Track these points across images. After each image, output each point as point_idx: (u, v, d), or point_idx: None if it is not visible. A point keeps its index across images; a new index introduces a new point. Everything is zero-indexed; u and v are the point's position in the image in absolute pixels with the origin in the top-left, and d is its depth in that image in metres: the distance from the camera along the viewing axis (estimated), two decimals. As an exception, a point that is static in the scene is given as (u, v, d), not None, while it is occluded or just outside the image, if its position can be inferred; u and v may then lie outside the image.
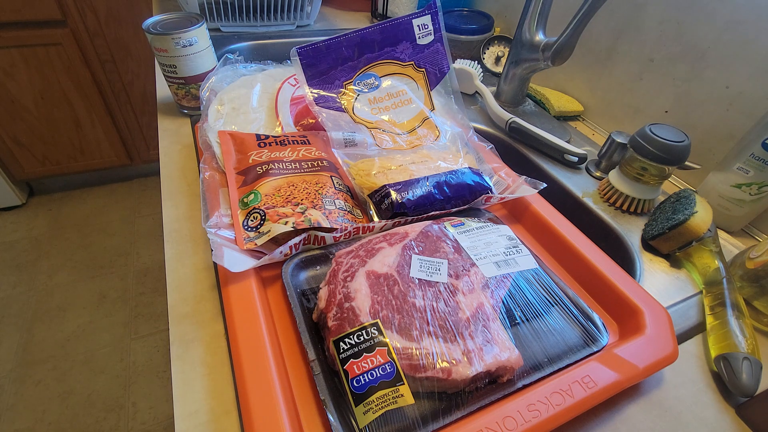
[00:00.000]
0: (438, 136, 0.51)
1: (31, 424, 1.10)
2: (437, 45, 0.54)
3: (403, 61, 0.53)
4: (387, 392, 0.28)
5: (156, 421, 1.12)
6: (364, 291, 0.33)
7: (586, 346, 0.34)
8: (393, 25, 0.52)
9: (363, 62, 0.52)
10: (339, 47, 0.50)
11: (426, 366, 0.29)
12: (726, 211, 0.50)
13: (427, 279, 0.35)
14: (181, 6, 0.77)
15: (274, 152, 0.45)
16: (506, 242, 0.40)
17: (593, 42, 0.65)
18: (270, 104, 0.54)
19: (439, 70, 0.55)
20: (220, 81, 0.54)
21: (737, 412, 0.34)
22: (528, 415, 0.28)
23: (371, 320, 0.31)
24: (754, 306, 0.41)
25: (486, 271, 0.36)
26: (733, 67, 0.50)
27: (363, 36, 0.51)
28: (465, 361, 0.29)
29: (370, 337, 0.30)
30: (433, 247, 0.38)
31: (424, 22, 0.53)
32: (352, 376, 0.28)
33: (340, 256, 0.37)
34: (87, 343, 1.28)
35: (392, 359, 0.29)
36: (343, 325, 0.31)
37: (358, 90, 0.51)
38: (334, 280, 0.34)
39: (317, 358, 0.31)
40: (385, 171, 0.44)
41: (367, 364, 0.29)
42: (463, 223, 0.41)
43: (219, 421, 0.30)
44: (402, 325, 0.31)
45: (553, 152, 0.60)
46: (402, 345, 0.30)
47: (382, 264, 0.35)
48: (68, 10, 1.26)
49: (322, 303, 0.33)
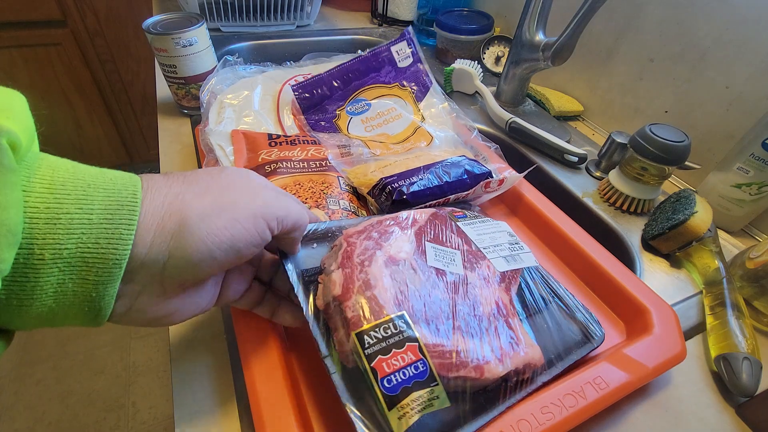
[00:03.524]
0: (431, 140, 0.52)
1: (31, 424, 1.10)
2: (416, 65, 0.60)
3: (388, 83, 0.58)
4: (422, 393, 0.25)
5: (156, 421, 1.12)
6: (386, 278, 0.29)
7: (586, 341, 0.34)
8: (373, 54, 0.58)
9: (351, 90, 0.57)
10: (329, 80, 0.56)
11: (458, 364, 0.27)
12: (726, 211, 0.50)
13: (444, 269, 0.32)
14: (181, 6, 0.77)
15: (283, 151, 0.45)
16: (508, 238, 0.39)
17: (593, 42, 0.65)
18: (272, 106, 0.54)
19: (423, 86, 0.60)
20: (220, 83, 0.54)
21: (737, 412, 0.34)
22: (542, 417, 0.28)
23: (398, 311, 0.27)
24: (754, 306, 0.41)
25: (498, 265, 0.35)
26: (733, 67, 0.50)
27: (347, 68, 0.57)
28: (495, 359, 0.28)
29: (399, 330, 0.27)
30: (443, 236, 0.36)
31: (401, 47, 0.59)
32: (382, 375, 0.25)
33: (350, 235, 0.33)
34: (87, 343, 1.28)
35: (424, 356, 0.26)
36: (366, 316, 0.27)
37: (350, 113, 0.55)
38: (350, 263, 0.30)
39: (329, 354, 0.28)
40: (382, 168, 0.44)
41: (398, 361, 0.26)
42: (465, 215, 0.40)
43: (219, 421, 0.30)
44: (429, 319, 0.28)
45: (553, 152, 0.60)
46: (432, 341, 0.27)
47: (399, 249, 0.32)
48: (68, 11, 1.26)
49: (337, 288, 0.29)
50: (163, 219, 0.21)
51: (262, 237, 0.25)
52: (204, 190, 0.24)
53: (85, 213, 0.19)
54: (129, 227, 0.20)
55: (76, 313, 0.20)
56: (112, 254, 0.20)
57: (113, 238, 0.20)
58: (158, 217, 0.21)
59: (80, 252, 0.19)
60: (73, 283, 0.19)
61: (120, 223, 0.20)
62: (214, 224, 0.22)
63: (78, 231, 0.19)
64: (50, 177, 0.19)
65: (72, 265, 0.19)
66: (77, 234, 0.19)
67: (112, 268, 0.20)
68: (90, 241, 0.19)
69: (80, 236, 0.19)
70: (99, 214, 0.19)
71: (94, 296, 0.20)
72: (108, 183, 0.20)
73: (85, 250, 0.19)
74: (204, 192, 0.23)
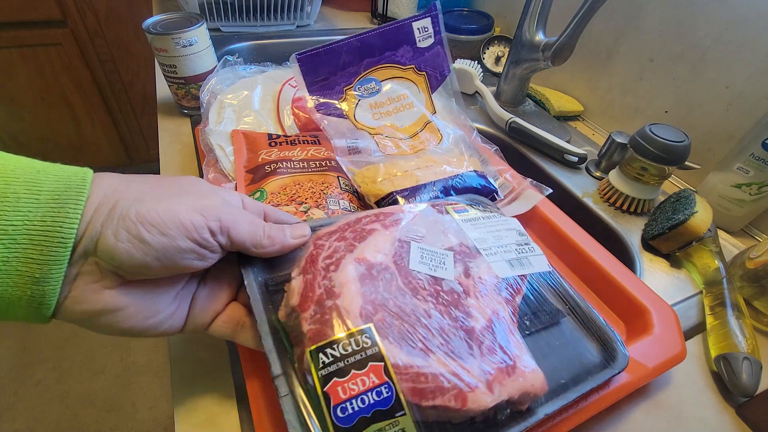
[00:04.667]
0: (441, 139, 0.51)
1: (31, 424, 1.10)
2: (437, 48, 0.54)
3: (403, 64, 0.53)
4: (383, 426, 0.21)
5: (156, 421, 1.12)
6: (353, 285, 0.25)
7: (606, 365, 0.29)
8: (394, 28, 0.51)
9: (363, 67, 0.51)
10: (339, 52, 0.49)
11: (434, 390, 0.22)
12: (726, 211, 0.50)
13: (431, 274, 0.28)
14: (181, 6, 0.77)
15: (283, 151, 0.45)
16: (516, 237, 0.34)
17: (593, 42, 0.65)
18: (272, 106, 0.54)
19: (440, 73, 0.54)
20: (220, 83, 0.54)
21: (737, 412, 0.34)
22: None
23: (363, 324, 0.23)
24: (754, 306, 0.41)
25: (499, 270, 0.30)
26: (733, 67, 0.50)
27: (363, 40, 0.50)
28: (483, 387, 0.23)
29: (362, 347, 0.22)
30: (435, 234, 0.31)
31: (424, 25, 0.52)
32: (335, 402, 0.21)
33: (320, 237, 0.29)
34: (87, 343, 1.28)
35: (390, 379, 0.22)
36: (324, 330, 0.23)
37: (358, 95, 0.50)
38: (313, 269, 0.27)
39: (283, 373, 0.24)
40: (391, 178, 0.43)
41: (357, 385, 0.22)
42: (467, 210, 0.35)
43: (219, 420, 0.30)
44: (402, 333, 0.24)
45: (553, 152, 0.60)
46: (403, 361, 0.22)
47: (376, 250, 0.28)
48: (68, 11, 1.26)
49: (295, 298, 0.25)
50: (101, 202, 0.22)
51: (199, 234, 0.23)
52: (153, 185, 0.24)
53: (33, 194, 0.20)
54: (76, 207, 0.21)
55: (20, 297, 0.20)
56: (58, 232, 0.20)
57: (59, 217, 0.20)
58: (99, 200, 0.22)
59: (26, 229, 0.19)
60: (18, 261, 0.20)
61: (67, 202, 0.20)
62: (145, 207, 0.22)
63: (24, 209, 0.20)
64: (1, 166, 0.20)
65: (17, 243, 0.19)
66: (23, 212, 0.19)
67: (57, 247, 0.20)
68: (36, 219, 0.20)
69: (26, 214, 0.20)
70: (47, 195, 0.20)
71: (38, 277, 0.20)
72: (58, 171, 0.21)
73: (31, 227, 0.20)
74: (152, 186, 0.24)
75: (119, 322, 0.23)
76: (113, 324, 0.23)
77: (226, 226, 0.25)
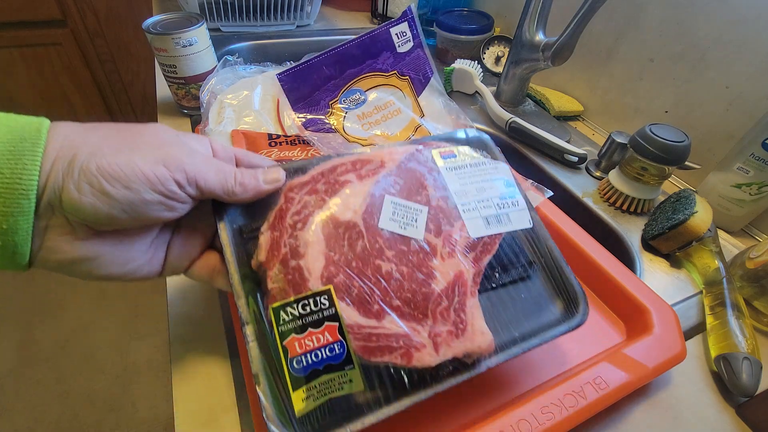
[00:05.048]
0: None
1: (31, 424, 1.10)
2: (418, 51, 0.54)
3: (386, 71, 0.53)
4: (333, 377, 0.24)
5: (156, 421, 1.12)
6: (317, 246, 0.26)
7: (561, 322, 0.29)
8: (372, 36, 0.52)
9: (346, 79, 0.51)
10: (319, 67, 0.50)
11: (383, 348, 0.24)
12: (726, 211, 0.50)
13: (399, 233, 0.28)
14: (181, 6, 0.77)
15: (283, 151, 0.45)
16: (502, 189, 0.32)
17: (593, 42, 0.65)
18: (272, 106, 0.54)
19: (423, 76, 0.54)
20: (220, 83, 0.54)
21: (737, 412, 0.34)
22: (542, 417, 0.28)
23: (322, 286, 0.25)
24: (754, 306, 0.41)
25: (472, 228, 0.30)
26: (733, 67, 0.50)
27: (342, 52, 0.50)
28: (430, 347, 0.25)
29: (319, 308, 0.25)
30: (413, 186, 0.30)
31: (402, 30, 0.52)
32: (292, 355, 0.24)
33: (292, 188, 0.29)
34: (87, 343, 1.28)
35: (343, 338, 0.24)
36: (286, 289, 0.25)
37: (345, 107, 0.50)
38: (280, 225, 0.27)
39: (254, 320, 0.25)
40: None
41: (312, 342, 0.24)
42: (455, 154, 0.33)
43: (219, 420, 0.30)
44: (361, 296, 0.25)
45: (553, 152, 0.60)
46: (357, 322, 0.25)
47: (346, 207, 0.28)
48: (68, 10, 1.26)
49: (262, 254, 0.26)
50: (59, 154, 0.21)
51: (165, 187, 0.23)
52: (112, 135, 0.23)
53: None
54: (33, 158, 0.20)
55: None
56: (17, 184, 0.20)
57: (17, 169, 0.20)
58: (56, 152, 0.21)
59: None
60: None
61: (23, 154, 0.20)
62: (106, 161, 0.21)
63: None
64: None
65: None
66: None
67: (20, 199, 0.20)
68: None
69: None
70: (2, 146, 0.20)
71: (5, 228, 0.20)
72: (12, 122, 0.21)
73: None
74: (111, 135, 0.23)
75: (96, 269, 0.24)
76: (90, 271, 0.24)
77: (193, 176, 0.24)
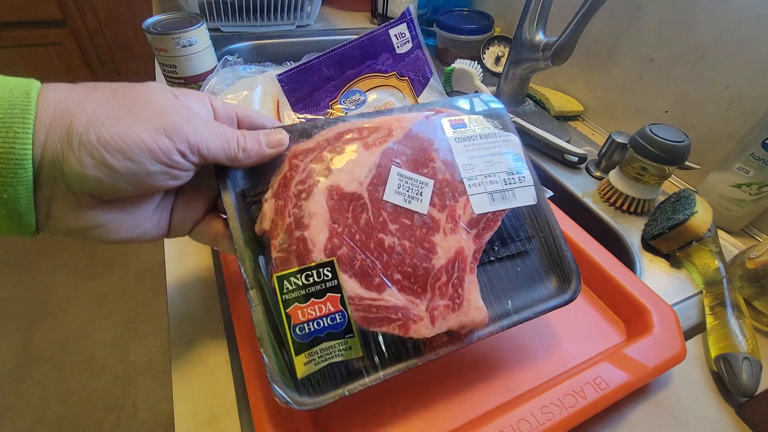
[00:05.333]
0: None
1: (31, 424, 1.10)
2: (416, 52, 0.54)
3: (385, 72, 0.53)
4: (333, 344, 0.25)
5: (156, 421, 1.12)
6: (321, 217, 0.26)
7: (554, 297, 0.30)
8: (370, 38, 0.52)
9: (345, 79, 0.51)
10: (319, 68, 0.50)
11: (382, 320, 0.25)
12: (726, 211, 0.50)
13: (404, 206, 0.28)
14: (181, 6, 0.77)
15: None
16: (511, 164, 0.32)
17: (593, 42, 0.65)
18: (272, 106, 0.54)
19: (423, 77, 0.55)
20: (220, 83, 0.54)
21: (737, 412, 0.34)
22: (542, 417, 0.28)
23: (325, 258, 0.25)
24: (754, 306, 0.41)
25: (476, 204, 0.30)
26: (733, 67, 0.50)
27: (342, 53, 0.50)
28: (427, 320, 0.26)
29: (322, 279, 0.25)
30: (420, 158, 0.30)
31: (400, 31, 0.53)
32: (295, 322, 0.25)
33: (296, 155, 0.28)
34: (87, 343, 1.28)
35: (344, 309, 0.25)
36: (290, 259, 0.25)
37: (345, 109, 0.50)
38: (285, 194, 0.27)
39: (258, 285, 0.26)
40: None
41: (314, 311, 0.25)
42: (465, 124, 0.33)
43: (219, 421, 0.30)
44: (363, 268, 0.26)
45: (553, 152, 0.60)
46: (358, 294, 0.25)
47: (351, 178, 0.27)
48: (68, 10, 1.26)
49: (266, 223, 0.26)
50: (53, 121, 0.20)
51: (168, 156, 0.23)
52: (108, 99, 0.22)
53: None
54: (24, 125, 0.20)
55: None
56: (11, 154, 0.20)
57: (8, 137, 0.19)
58: (50, 119, 0.20)
59: None
60: None
61: (13, 122, 0.20)
62: (106, 131, 0.21)
63: None
64: None
65: None
66: None
67: (15, 169, 0.20)
68: None
69: None
70: None
71: (6, 198, 0.20)
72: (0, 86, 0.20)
73: None
74: (107, 100, 0.22)
75: (105, 235, 0.24)
76: (100, 237, 0.24)
77: (196, 145, 0.24)
